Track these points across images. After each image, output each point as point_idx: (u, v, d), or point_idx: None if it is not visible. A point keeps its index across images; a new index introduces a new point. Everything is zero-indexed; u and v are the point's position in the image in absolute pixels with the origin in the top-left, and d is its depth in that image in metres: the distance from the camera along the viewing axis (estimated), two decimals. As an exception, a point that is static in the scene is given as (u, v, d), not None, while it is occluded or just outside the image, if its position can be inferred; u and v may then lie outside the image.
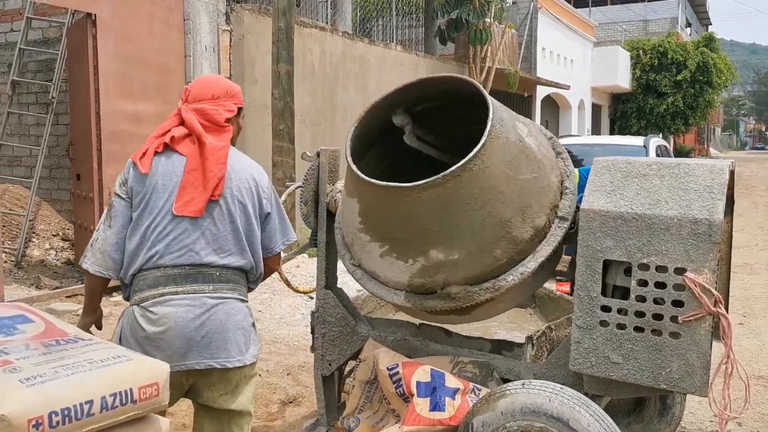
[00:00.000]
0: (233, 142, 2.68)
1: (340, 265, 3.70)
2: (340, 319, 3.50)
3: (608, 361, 2.65)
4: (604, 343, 2.65)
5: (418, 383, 2.85)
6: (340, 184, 3.51)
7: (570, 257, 3.39)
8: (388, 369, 2.95)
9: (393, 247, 2.86)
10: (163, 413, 1.94)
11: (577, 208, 2.95)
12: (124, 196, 2.54)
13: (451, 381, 2.89)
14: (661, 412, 3.50)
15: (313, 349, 3.77)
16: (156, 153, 2.54)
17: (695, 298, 2.47)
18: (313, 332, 3.75)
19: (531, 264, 2.79)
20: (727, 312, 2.50)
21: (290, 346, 5.49)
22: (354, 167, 2.77)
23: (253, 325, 2.66)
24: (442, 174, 2.59)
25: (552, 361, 3.01)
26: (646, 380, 2.59)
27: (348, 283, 4.44)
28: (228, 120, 2.62)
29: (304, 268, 7.58)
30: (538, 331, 3.61)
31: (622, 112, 27.46)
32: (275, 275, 3.46)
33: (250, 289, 2.73)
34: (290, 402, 4.37)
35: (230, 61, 8.90)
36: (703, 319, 2.48)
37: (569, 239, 2.96)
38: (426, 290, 2.90)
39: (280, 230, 2.76)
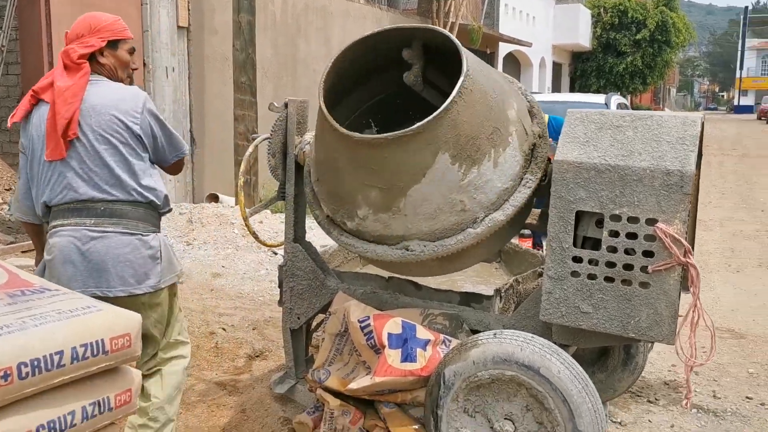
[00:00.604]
0: (120, 78, 2.77)
1: (308, 218, 3.66)
2: (308, 273, 3.46)
3: (578, 311, 2.67)
4: (574, 293, 2.67)
5: (389, 335, 2.85)
6: (309, 136, 3.44)
7: (540, 210, 3.40)
8: (359, 321, 2.93)
9: (364, 198, 2.83)
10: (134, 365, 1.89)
11: (549, 159, 2.95)
12: (22, 150, 2.78)
13: (422, 332, 2.90)
14: (625, 361, 3.57)
15: (280, 303, 3.74)
16: (33, 105, 2.71)
17: (665, 249, 2.50)
18: (280, 286, 3.71)
19: (501, 215, 2.79)
20: (695, 262, 2.54)
21: (255, 301, 5.45)
22: (327, 113, 2.72)
23: (157, 256, 2.73)
24: (416, 125, 2.55)
25: (521, 312, 3.04)
26: (615, 329, 2.63)
27: (314, 237, 4.40)
28: (85, 56, 2.67)
29: (268, 224, 7.50)
30: (505, 284, 3.63)
31: (582, 71, 27.62)
32: (244, 229, 3.45)
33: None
34: (257, 356, 4.35)
35: (189, 9, 8.62)
36: (673, 269, 2.51)
37: (540, 191, 2.97)
38: (394, 242, 2.89)
39: (169, 149, 2.84)
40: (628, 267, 2.58)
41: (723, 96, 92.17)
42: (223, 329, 4.69)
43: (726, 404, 3.94)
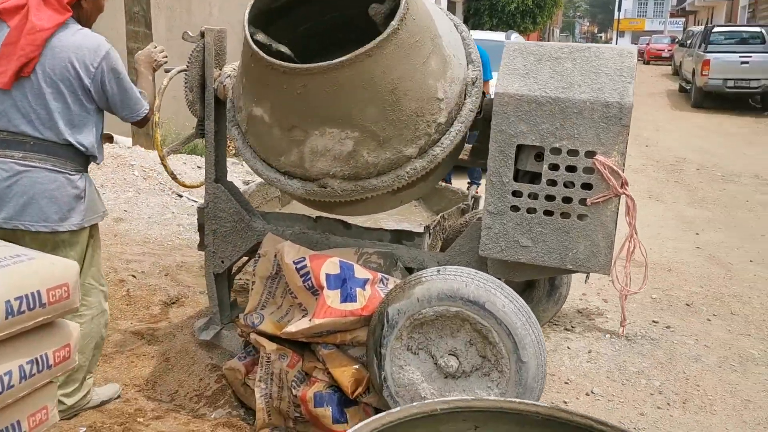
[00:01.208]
0: (88, 24, 2.78)
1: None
2: (232, 214, 3.30)
3: (518, 245, 2.69)
4: (514, 227, 2.68)
5: (327, 275, 2.77)
6: (229, 68, 3.23)
7: (472, 146, 3.38)
8: (294, 263, 2.83)
9: (290, 132, 2.70)
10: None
11: (483, 93, 2.91)
12: None
13: (361, 272, 2.84)
14: (549, 292, 3.68)
15: (201, 246, 3.57)
16: None
17: (604, 181, 2.53)
18: (201, 229, 3.53)
19: (439, 151, 2.74)
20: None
21: (164, 246, 5.20)
22: (251, 41, 2.57)
23: (82, 196, 2.73)
24: (346, 57, 2.43)
25: (455, 248, 3.03)
26: (554, 262, 2.67)
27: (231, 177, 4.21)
28: (72, 3, 2.66)
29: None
30: (434, 221, 3.62)
31: (476, 9, 27.75)
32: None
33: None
34: (173, 303, 4.16)
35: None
36: (610, 201, 2.55)
37: (474, 126, 2.93)
38: (322, 178, 2.79)
39: (121, 108, 2.79)
40: (567, 200, 2.60)
41: (601, 37, 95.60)
42: (133, 276, 4.45)
43: (635, 329, 4.15)
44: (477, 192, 4.47)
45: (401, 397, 2.62)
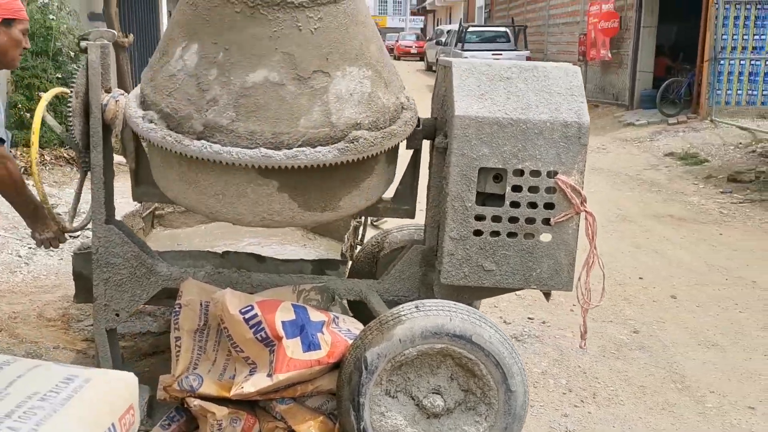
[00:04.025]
0: (11, 57, 2.71)
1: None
2: (129, 259, 2.83)
3: (482, 270, 2.62)
4: (477, 252, 2.61)
5: (283, 323, 2.48)
6: (118, 90, 2.76)
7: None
8: (242, 312, 2.49)
9: (311, 80, 2.39)
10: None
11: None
12: None
13: (315, 314, 2.58)
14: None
15: (79, 299, 3.06)
16: None
17: (566, 199, 2.55)
18: (77, 278, 3.02)
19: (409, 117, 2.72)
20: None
21: (-19, 295, 4.35)
22: None
23: None
24: None
25: (395, 275, 2.90)
26: (518, 283, 2.64)
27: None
28: None
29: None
30: (344, 245, 3.45)
31: None
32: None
33: None
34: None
35: None
36: (572, 219, 2.58)
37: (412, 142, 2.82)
38: (350, 132, 2.47)
39: None
40: (531, 221, 2.59)
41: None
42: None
43: (518, 327, 4.31)
44: None
45: (386, 447, 2.43)
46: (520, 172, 2.55)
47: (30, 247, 5.31)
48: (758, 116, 12.16)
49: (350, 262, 3.50)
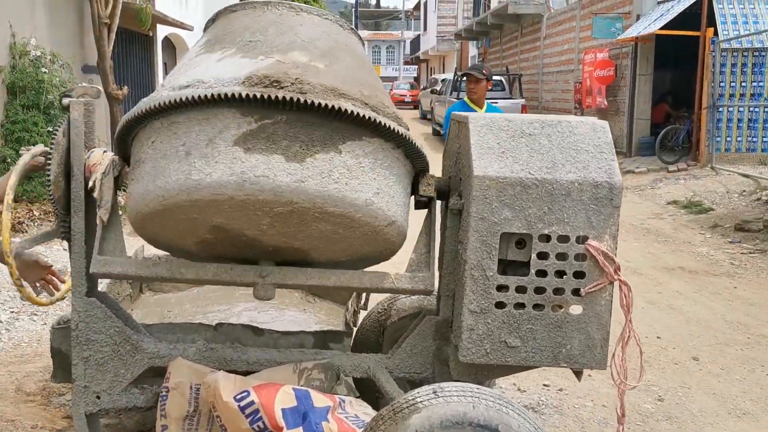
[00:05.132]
0: None
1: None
2: (112, 336, 2.56)
3: (505, 346, 2.35)
4: (500, 326, 2.34)
5: (283, 411, 2.19)
6: (99, 151, 2.52)
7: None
8: (236, 399, 2.20)
9: None
10: None
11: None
12: None
13: (319, 399, 2.30)
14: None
15: (57, 378, 2.78)
16: None
17: (598, 268, 2.30)
18: (55, 356, 2.75)
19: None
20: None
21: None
22: None
23: None
24: None
25: (406, 349, 2.63)
26: (546, 361, 2.37)
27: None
28: None
29: None
30: (346, 314, 3.19)
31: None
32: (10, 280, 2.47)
33: None
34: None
35: None
36: (604, 289, 2.33)
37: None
38: None
39: None
40: (559, 291, 2.33)
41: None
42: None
43: (533, 396, 4.02)
44: None
45: None
46: (546, 238, 2.30)
47: (12, 311, 5.02)
48: (759, 163, 12.04)
49: (355, 329, 3.22)
